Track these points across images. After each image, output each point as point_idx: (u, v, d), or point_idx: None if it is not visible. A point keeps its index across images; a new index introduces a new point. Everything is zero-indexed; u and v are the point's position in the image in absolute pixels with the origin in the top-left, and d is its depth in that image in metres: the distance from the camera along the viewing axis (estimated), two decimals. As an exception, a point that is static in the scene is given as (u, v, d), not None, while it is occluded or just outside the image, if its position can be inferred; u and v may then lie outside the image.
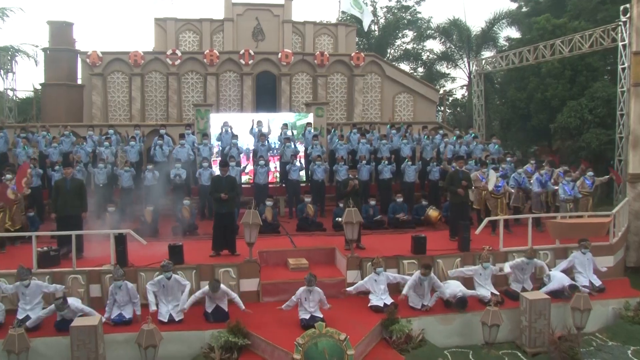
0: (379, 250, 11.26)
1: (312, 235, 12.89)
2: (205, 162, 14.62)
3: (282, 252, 11.53)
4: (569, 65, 21.44)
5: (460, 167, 12.31)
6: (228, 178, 10.99)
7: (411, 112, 21.09)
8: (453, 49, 27.04)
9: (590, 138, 19.61)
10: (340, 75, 20.63)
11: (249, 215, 10.09)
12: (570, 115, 20.27)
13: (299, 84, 20.35)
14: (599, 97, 19.75)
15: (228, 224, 10.90)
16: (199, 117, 17.35)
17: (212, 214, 14.56)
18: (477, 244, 11.29)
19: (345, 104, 20.77)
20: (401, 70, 21.68)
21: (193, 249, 11.14)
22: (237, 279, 10.16)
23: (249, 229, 10.10)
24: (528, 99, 22.55)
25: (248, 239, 10.17)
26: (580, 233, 11.03)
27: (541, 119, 22.17)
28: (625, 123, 13.77)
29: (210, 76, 19.56)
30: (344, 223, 10.54)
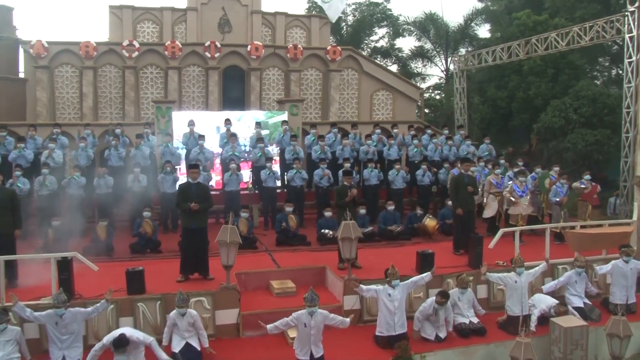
0: (378, 268, 9.49)
1: (295, 251, 11.08)
2: (168, 166, 12.56)
3: (263, 274, 9.65)
4: (551, 63, 20.38)
5: (466, 171, 10.73)
6: (199, 185, 9.01)
7: (390, 111, 19.54)
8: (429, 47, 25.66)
9: (576, 139, 18.51)
10: (315, 71, 18.86)
11: (225, 232, 8.17)
12: (555, 115, 19.14)
13: (270, 79, 18.46)
14: (584, 96, 18.70)
15: (199, 242, 8.91)
16: (159, 115, 15.26)
17: (176, 226, 12.60)
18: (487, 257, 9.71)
19: (320, 102, 19.01)
20: (380, 66, 20.09)
21: (156, 272, 9.16)
22: (212, 311, 8.22)
23: (226, 249, 8.17)
24: (509, 97, 21.41)
25: (225, 261, 8.24)
26: (602, 244, 9.65)
27: (523, 119, 21.05)
28: (631, 121, 12.50)
29: (172, 70, 17.42)
30: (340, 239, 8.73)
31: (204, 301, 8.15)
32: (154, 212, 11.72)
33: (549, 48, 15.33)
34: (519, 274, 8.49)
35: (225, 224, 8.28)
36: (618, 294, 9.10)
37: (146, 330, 7.74)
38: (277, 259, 10.42)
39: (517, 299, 8.41)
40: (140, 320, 7.93)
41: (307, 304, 7.09)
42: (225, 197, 12.64)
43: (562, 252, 10.16)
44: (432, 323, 8.21)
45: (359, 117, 19.02)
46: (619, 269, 9.10)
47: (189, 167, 9.10)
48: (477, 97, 22.25)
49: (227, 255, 8.18)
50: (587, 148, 18.23)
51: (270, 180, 12.93)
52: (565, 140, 18.94)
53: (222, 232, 8.18)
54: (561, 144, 19.27)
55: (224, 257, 8.20)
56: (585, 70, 21.53)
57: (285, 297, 9.05)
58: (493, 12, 24.57)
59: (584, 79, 20.48)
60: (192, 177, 8.91)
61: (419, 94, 20.11)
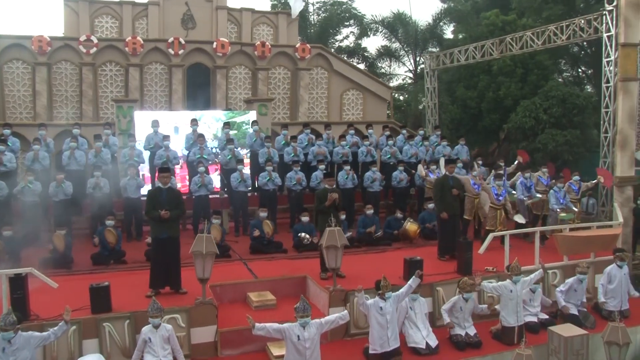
0: (362, 277, 9.06)
1: (271, 260, 10.44)
2: (131, 169, 11.68)
3: (239, 285, 8.97)
4: (520, 63, 20.31)
5: (451, 173, 10.31)
6: (170, 191, 8.23)
7: (360, 111, 19.09)
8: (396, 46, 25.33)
9: (546, 139, 18.42)
10: (283, 69, 18.20)
11: (201, 241, 7.45)
12: (525, 115, 19.00)
13: (237, 78, 17.69)
14: (554, 96, 18.60)
15: (171, 253, 8.13)
16: (120, 115, 14.37)
17: (140, 234, 11.75)
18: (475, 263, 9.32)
19: (289, 102, 18.37)
20: (350, 65, 19.57)
21: (122, 286, 8.35)
22: (187, 328, 7.47)
23: (201, 260, 7.45)
24: (479, 98, 21.20)
25: (201, 274, 7.52)
26: (592, 247, 9.39)
27: (494, 119, 20.88)
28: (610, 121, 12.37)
29: (133, 68, 16.42)
30: (325, 247, 8.13)
31: (178, 318, 7.41)
32: (116, 219, 10.80)
33: (524, 47, 15.16)
34: (515, 283, 8.06)
35: (201, 233, 7.55)
36: (612, 300, 8.83)
37: (114, 353, 6.94)
38: (253, 268, 9.78)
39: (512, 309, 7.99)
40: (106, 342, 7.13)
41: (298, 314, 6.54)
42: (194, 203, 11.84)
43: (547, 256, 9.84)
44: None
45: (329, 117, 18.48)
46: (613, 275, 8.84)
47: (160, 170, 8.32)
48: (446, 98, 22.00)
49: (203, 267, 7.46)
50: (557, 148, 18.16)
51: (241, 184, 12.22)
52: (535, 140, 18.85)
53: (197, 241, 7.46)
54: (531, 145, 19.17)
55: (200, 269, 7.48)
56: (553, 71, 21.55)
57: (265, 310, 8.40)
58: (460, 12, 24.44)
59: (552, 80, 20.50)
60: (162, 181, 8.13)
61: (390, 94, 19.72)
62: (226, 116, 14.82)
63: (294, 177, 12.74)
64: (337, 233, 8.13)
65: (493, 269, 9.32)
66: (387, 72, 27.18)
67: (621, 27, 11.57)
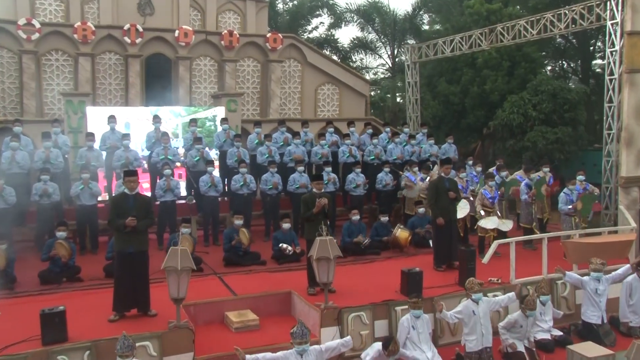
0: (356, 291, 8.69)
1: (249, 273, 9.94)
2: (85, 172, 10.97)
3: (216, 304, 8.41)
4: (507, 55, 20.35)
5: (447, 174, 10.00)
6: (138, 198, 7.60)
7: (337, 107, 18.73)
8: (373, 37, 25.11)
9: (536, 137, 18.46)
10: (253, 61, 17.67)
11: (175, 256, 6.88)
12: (513, 111, 19.03)
13: (202, 70, 17.06)
14: (544, 91, 18.71)
15: (139, 270, 7.50)
16: (70, 111, 13.63)
17: (96, 246, 11.05)
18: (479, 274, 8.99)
19: (259, 97, 17.85)
20: (325, 57, 19.19)
21: (78, 309, 7.70)
22: (158, 357, 6.86)
23: (176, 278, 6.87)
24: (462, 93, 21.18)
25: (175, 293, 6.94)
26: (603, 254, 9.17)
27: (478, 116, 20.88)
28: (613, 116, 12.30)
29: (84, 57, 15.57)
30: (316, 260, 7.66)
31: (148, 347, 6.80)
32: (68, 230, 10.05)
33: (517, 37, 15.04)
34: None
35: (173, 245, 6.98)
36: (633, 316, 8.63)
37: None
38: (229, 283, 9.27)
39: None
40: (62, 378, 6.44)
41: (295, 340, 6.18)
42: (159, 210, 11.19)
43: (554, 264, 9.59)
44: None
45: (302, 113, 18.11)
46: (635, 288, 8.64)
47: (126, 174, 7.67)
48: (426, 93, 21.85)
49: (178, 285, 6.88)
50: (548, 147, 18.21)
51: (211, 188, 11.66)
52: (524, 138, 18.86)
53: (170, 256, 6.89)
54: (519, 143, 19.18)
55: (174, 288, 6.91)
56: (542, 64, 21.72)
57: (247, 332, 7.88)
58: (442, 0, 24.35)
59: (541, 73, 20.60)
60: (129, 186, 7.49)
61: (369, 89, 19.44)
62: (187, 111, 14.25)
63: (269, 180, 12.24)
64: (329, 243, 7.69)
65: (498, 280, 9.02)
66: (362, 66, 26.89)
67: (627, 13, 11.46)
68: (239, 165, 12.13)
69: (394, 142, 14.20)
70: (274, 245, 10.65)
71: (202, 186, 11.66)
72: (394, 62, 25.74)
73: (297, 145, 13.31)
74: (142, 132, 13.08)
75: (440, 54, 18.01)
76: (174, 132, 13.69)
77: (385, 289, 8.74)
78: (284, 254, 10.40)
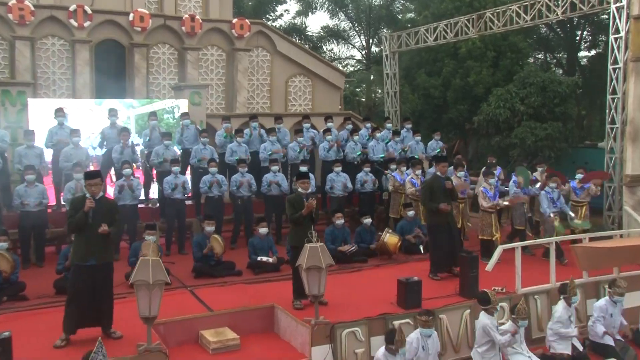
0: (348, 304, 8.41)
1: (224, 285, 9.55)
2: (30, 173, 10.33)
3: (189, 322, 7.95)
4: (491, 45, 20.39)
5: (443, 173, 9.80)
6: (103, 202, 7.06)
7: (309, 101, 18.44)
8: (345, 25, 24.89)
9: (524, 133, 18.50)
10: (217, 50, 17.18)
11: (146, 267, 6.42)
12: (499, 106, 19.03)
13: (160, 59, 16.46)
14: (532, 84, 18.76)
15: (101, 286, 6.97)
16: (7, 102, 12.88)
17: (42, 258, 10.49)
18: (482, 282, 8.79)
19: (224, 89, 17.37)
20: (297, 45, 18.81)
21: (24, 333, 7.17)
22: (126, 387, 6.36)
23: (147, 294, 6.39)
24: (444, 85, 21.12)
25: (146, 311, 6.47)
26: (617, 260, 9.12)
27: (461, 110, 20.84)
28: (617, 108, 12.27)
29: (22, 42, 14.72)
30: (305, 269, 7.30)
31: (114, 375, 6.28)
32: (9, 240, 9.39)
33: (508, 24, 14.96)
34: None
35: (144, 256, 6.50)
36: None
37: None
38: (202, 297, 8.83)
39: None
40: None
41: None
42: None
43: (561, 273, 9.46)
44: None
45: (272, 108, 17.79)
46: None
47: (87, 176, 7.12)
48: (404, 86, 21.73)
49: (149, 302, 6.40)
50: (537, 144, 18.27)
51: (177, 190, 11.19)
52: (511, 135, 18.89)
53: (140, 268, 6.42)
54: (506, 140, 19.21)
55: (144, 304, 6.44)
56: (528, 54, 21.83)
57: (226, 353, 7.48)
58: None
59: (528, 64, 20.70)
60: (91, 190, 6.92)
61: (344, 81, 19.20)
62: (140, 103, 13.71)
63: (239, 181, 11.89)
64: (320, 250, 7.34)
65: (502, 289, 8.84)
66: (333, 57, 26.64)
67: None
68: (209, 165, 11.73)
69: (375, 139, 13.97)
70: (250, 253, 10.26)
71: (165, 188, 11.20)
72: (369, 53, 25.56)
73: (272, 142, 12.96)
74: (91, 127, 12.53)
75: (422, 43, 17.88)
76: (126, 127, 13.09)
77: (379, 301, 8.49)
78: (259, 263, 10.03)
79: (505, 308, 8.47)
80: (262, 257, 10.08)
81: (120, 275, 8.82)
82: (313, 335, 7.36)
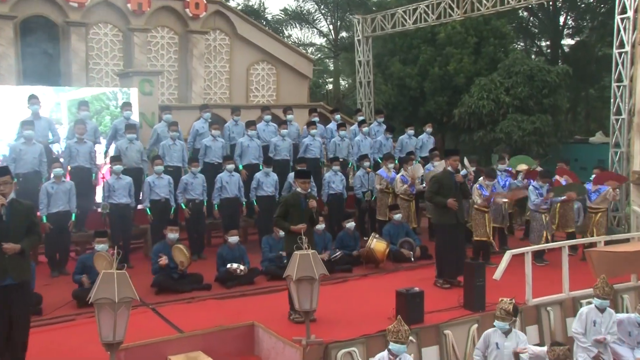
0: (336, 319, 8.13)
1: (191, 301, 9.08)
2: None
3: (155, 347, 7.45)
4: (473, 30, 20.44)
5: (454, 168, 9.57)
6: (16, 206, 6.36)
7: (273, 91, 18.33)
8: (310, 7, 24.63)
9: (510, 127, 18.58)
10: (169, 32, 16.84)
11: (109, 281, 5.90)
12: (482, 97, 19.08)
13: (102, 41, 15.91)
14: (518, 72, 18.89)
15: (16, 309, 6.29)
16: None
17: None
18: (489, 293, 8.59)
19: (177, 77, 16.96)
20: (260, 28, 18.49)
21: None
22: None
23: (111, 315, 5.88)
24: (421, 75, 21.05)
25: (110, 335, 5.95)
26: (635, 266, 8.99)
27: (440, 102, 20.80)
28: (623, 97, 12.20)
29: None
30: (295, 281, 6.91)
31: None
32: None
33: (498, 4, 14.80)
34: None
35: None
36: None
37: None
38: (168, 316, 8.34)
39: None
40: None
41: None
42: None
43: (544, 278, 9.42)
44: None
45: (232, 98, 17.62)
46: None
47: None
48: (377, 75, 21.54)
49: (114, 324, 5.88)
50: (525, 139, 18.36)
51: (119, 193, 10.71)
52: (496, 129, 18.94)
53: (102, 283, 5.88)
54: (489, 135, 19.26)
55: (108, 328, 5.90)
56: (512, 40, 21.96)
57: (201, 382, 7.01)
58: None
59: (513, 51, 20.81)
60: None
61: (312, 69, 19.01)
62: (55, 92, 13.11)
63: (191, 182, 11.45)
64: (312, 258, 6.96)
65: (511, 301, 8.59)
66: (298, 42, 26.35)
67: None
68: (153, 163, 11.29)
69: (339, 134, 13.70)
70: (219, 265, 9.82)
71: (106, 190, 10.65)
72: (337, 38, 25.37)
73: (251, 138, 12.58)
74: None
75: (399, 27, 17.68)
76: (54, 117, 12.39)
77: (374, 315, 8.19)
78: (233, 275, 9.58)
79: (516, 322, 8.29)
80: (232, 264, 9.63)
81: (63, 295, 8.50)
82: (304, 357, 6.99)
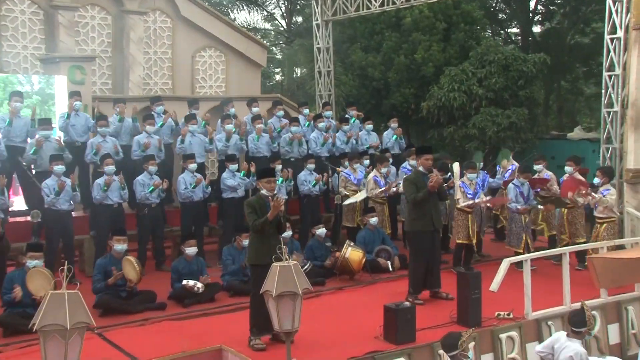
0: (316, 341, 7.93)
1: (144, 324, 8.76)
2: None
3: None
4: (441, 14, 20.46)
5: (427, 168, 9.44)
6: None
7: (222, 81, 17.87)
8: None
9: (484, 122, 18.64)
10: (101, 11, 16.16)
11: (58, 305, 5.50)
12: (452, 89, 19.09)
13: (19, 21, 15.11)
14: (492, 62, 18.97)
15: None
16: None
17: None
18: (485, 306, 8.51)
19: (111, 65, 16.34)
20: (207, 10, 18.00)
21: None
22: None
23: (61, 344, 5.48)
24: (385, 64, 20.93)
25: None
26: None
27: (406, 95, 20.71)
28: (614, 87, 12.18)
29: None
30: (275, 297, 6.56)
31: None
32: None
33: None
34: None
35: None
36: None
37: None
38: (118, 342, 7.94)
39: None
40: None
41: None
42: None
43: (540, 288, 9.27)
44: None
45: (174, 89, 17.14)
46: None
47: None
48: (336, 64, 21.35)
49: (65, 355, 5.44)
50: (499, 135, 18.46)
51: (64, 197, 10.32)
52: (468, 124, 18.99)
53: (49, 306, 5.42)
54: (461, 130, 19.30)
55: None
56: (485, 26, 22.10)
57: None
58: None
59: (486, 38, 20.91)
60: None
61: (266, 57, 18.70)
62: None
63: (147, 184, 11.24)
64: (293, 270, 6.61)
65: (509, 314, 8.55)
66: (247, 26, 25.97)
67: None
68: (104, 162, 11.02)
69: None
70: (174, 281, 9.44)
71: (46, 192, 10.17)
72: (290, 23, 25.12)
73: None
74: None
75: (364, 10, 17.49)
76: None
77: (358, 334, 8.10)
78: (190, 292, 9.20)
79: (514, 338, 8.20)
80: (189, 280, 9.24)
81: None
82: (287, 385, 6.67)
